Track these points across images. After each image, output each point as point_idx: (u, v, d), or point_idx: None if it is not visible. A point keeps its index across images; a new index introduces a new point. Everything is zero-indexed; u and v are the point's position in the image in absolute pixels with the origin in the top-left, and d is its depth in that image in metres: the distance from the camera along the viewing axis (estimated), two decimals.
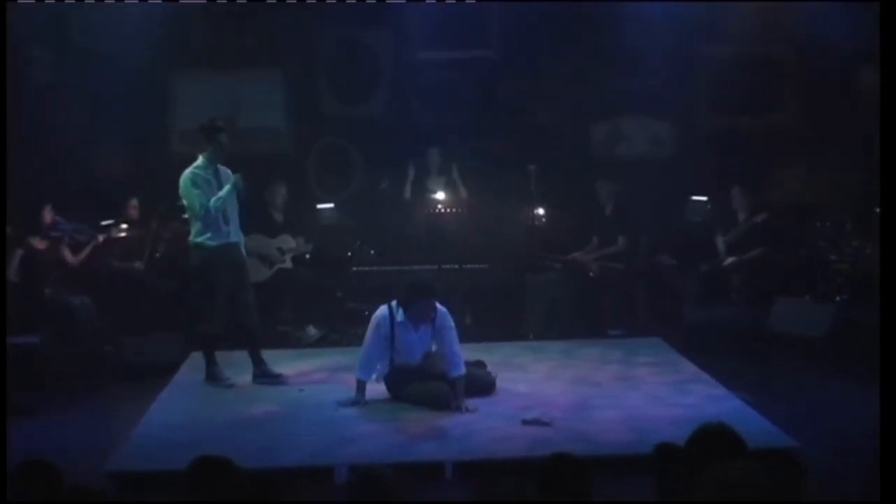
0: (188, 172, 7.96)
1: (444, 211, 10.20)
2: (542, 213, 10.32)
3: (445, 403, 7.22)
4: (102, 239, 9.59)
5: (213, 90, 10.91)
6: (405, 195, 10.57)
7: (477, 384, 7.55)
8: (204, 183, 7.95)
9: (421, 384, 7.37)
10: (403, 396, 7.45)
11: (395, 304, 7.43)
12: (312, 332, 9.92)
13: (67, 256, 9.44)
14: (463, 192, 10.51)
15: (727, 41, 10.89)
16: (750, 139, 10.99)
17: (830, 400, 7.63)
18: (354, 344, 8.58)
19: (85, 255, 9.54)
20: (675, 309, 9.87)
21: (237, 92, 10.97)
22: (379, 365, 7.50)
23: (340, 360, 8.64)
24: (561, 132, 10.98)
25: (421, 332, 7.44)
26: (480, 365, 7.94)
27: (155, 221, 9.83)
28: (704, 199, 10.42)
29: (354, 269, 10.02)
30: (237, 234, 8.16)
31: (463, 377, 7.34)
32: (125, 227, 9.74)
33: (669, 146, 11.33)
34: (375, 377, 7.53)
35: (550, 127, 10.98)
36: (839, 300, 9.18)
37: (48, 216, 9.35)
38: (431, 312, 7.35)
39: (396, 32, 11.01)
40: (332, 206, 10.64)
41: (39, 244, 9.26)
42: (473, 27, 10.88)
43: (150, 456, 6.44)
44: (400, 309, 7.38)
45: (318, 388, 7.97)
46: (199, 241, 7.98)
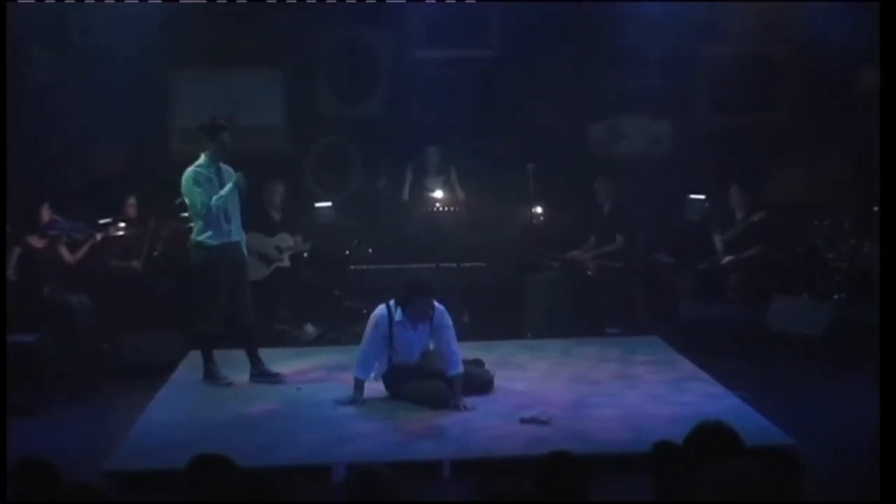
0: (190, 171, 7.95)
1: (442, 209, 10.19)
2: (539, 211, 10.32)
3: (443, 402, 7.22)
4: (100, 238, 9.56)
5: (212, 89, 10.89)
6: (403, 197, 10.57)
7: (475, 383, 7.55)
8: (206, 181, 7.94)
9: (419, 383, 7.37)
10: (401, 395, 7.44)
11: (393, 303, 7.43)
12: (310, 330, 9.92)
13: (65, 255, 9.42)
14: (461, 193, 10.50)
15: (727, 41, 10.87)
16: (748, 138, 10.98)
17: (828, 398, 7.65)
18: (352, 342, 8.57)
19: (83, 253, 9.51)
20: (672, 307, 9.87)
21: (237, 91, 10.95)
22: (377, 364, 7.50)
23: (338, 358, 8.63)
24: (560, 132, 10.97)
25: (419, 330, 7.44)
26: (478, 363, 7.94)
27: (153, 220, 9.81)
28: (702, 197, 10.42)
29: (352, 267, 10.02)
30: (239, 232, 8.14)
31: (461, 376, 7.34)
32: (123, 225, 9.70)
33: (668, 145, 11.33)
34: (374, 376, 7.53)
35: (550, 126, 10.97)
36: (837, 298, 9.18)
37: (46, 215, 9.32)
38: (429, 311, 7.35)
39: (396, 32, 11.00)
40: (329, 204, 10.64)
41: (37, 243, 9.24)
42: (473, 27, 10.87)
43: (148, 455, 6.44)
44: (398, 308, 7.38)
45: (316, 386, 7.96)
46: (200, 239, 7.97)
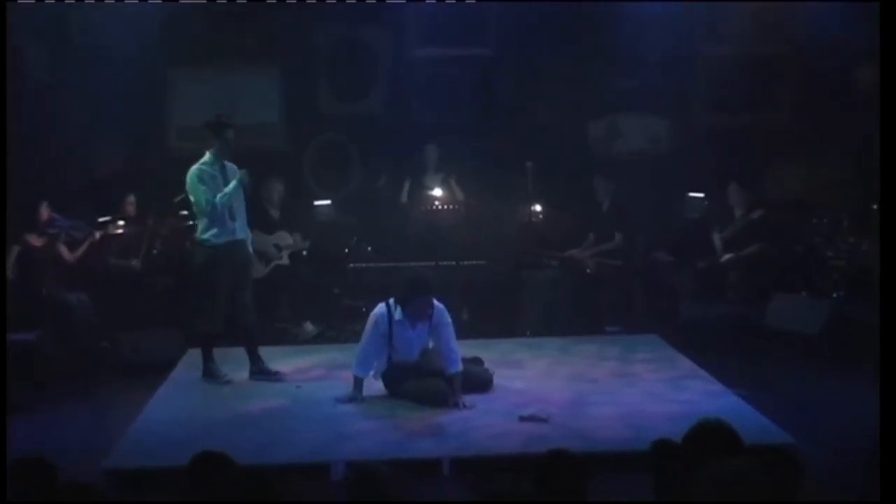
0: (195, 169, 7.93)
1: (441, 208, 10.18)
2: (539, 210, 10.32)
3: (443, 400, 7.22)
4: (99, 236, 9.57)
5: (211, 88, 10.86)
6: (402, 199, 10.56)
7: (474, 381, 7.55)
8: (210, 179, 7.92)
9: (418, 381, 7.37)
10: (401, 393, 7.44)
11: (392, 301, 7.42)
12: (309, 328, 9.92)
13: (64, 253, 9.42)
14: (459, 194, 10.49)
15: (727, 41, 10.87)
16: (748, 137, 10.98)
17: (826, 396, 7.65)
18: (352, 340, 8.57)
19: (82, 252, 9.52)
20: (671, 305, 9.86)
21: (235, 89, 10.93)
22: (376, 362, 7.50)
23: (338, 356, 8.63)
24: (559, 131, 10.95)
25: (418, 329, 7.43)
26: (477, 362, 7.94)
27: (152, 218, 9.82)
28: (701, 195, 10.42)
29: (351, 265, 10.00)
30: (244, 230, 8.14)
31: (460, 374, 7.34)
32: (122, 223, 9.71)
33: (667, 143, 11.32)
34: (373, 374, 7.54)
35: (549, 125, 10.96)
36: (835, 296, 9.19)
37: (45, 213, 9.33)
38: (429, 309, 7.35)
39: (395, 30, 10.99)
40: (329, 202, 10.64)
41: (36, 241, 9.25)
42: (472, 25, 10.86)
43: (147, 453, 6.44)
44: (398, 307, 7.38)
45: (315, 384, 7.96)
46: (204, 237, 7.95)
